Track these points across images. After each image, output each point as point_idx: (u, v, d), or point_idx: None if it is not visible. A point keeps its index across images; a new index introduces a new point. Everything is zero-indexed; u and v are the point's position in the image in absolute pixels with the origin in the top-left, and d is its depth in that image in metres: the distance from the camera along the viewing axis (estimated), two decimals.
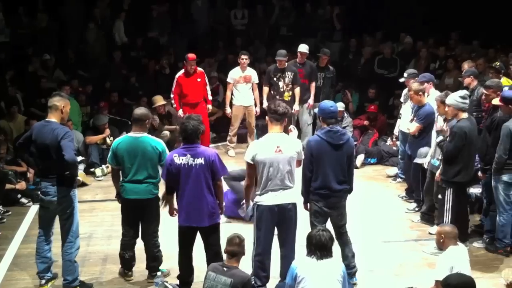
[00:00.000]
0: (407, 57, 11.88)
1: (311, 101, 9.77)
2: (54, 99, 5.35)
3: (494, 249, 6.36)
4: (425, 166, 7.02)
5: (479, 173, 6.65)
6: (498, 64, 8.27)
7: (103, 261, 6.16)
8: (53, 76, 10.89)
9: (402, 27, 12.76)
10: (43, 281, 5.54)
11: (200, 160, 5.12)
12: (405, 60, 11.70)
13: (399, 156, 8.25)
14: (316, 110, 9.49)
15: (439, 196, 6.55)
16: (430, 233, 6.75)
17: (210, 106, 9.59)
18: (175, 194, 5.33)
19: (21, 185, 7.78)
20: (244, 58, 9.54)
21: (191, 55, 9.23)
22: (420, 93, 7.20)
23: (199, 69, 9.48)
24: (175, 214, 5.39)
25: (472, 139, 6.19)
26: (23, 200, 7.71)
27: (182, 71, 9.37)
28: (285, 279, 5.23)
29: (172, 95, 9.42)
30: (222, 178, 5.38)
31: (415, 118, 7.25)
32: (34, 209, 7.25)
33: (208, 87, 9.53)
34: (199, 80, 9.35)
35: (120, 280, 5.76)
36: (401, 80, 8.26)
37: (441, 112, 6.74)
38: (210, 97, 9.56)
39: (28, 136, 5.41)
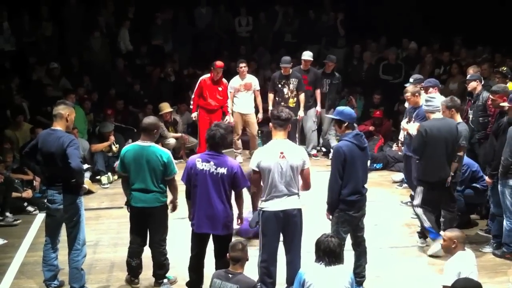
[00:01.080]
0: (411, 62, 11.88)
1: (318, 108, 9.78)
2: (59, 107, 5.39)
3: (502, 254, 6.34)
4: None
5: (487, 178, 6.63)
6: (505, 69, 8.26)
7: (109, 268, 6.16)
8: (59, 84, 10.92)
9: (406, 32, 12.77)
10: None
11: (223, 170, 5.14)
12: (409, 65, 11.71)
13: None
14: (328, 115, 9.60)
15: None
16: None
17: (228, 117, 9.58)
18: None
19: (28, 193, 7.81)
20: (243, 66, 9.58)
21: (219, 63, 9.37)
22: (417, 94, 7.41)
23: (224, 80, 9.57)
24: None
25: (433, 136, 6.20)
26: (30, 208, 7.74)
27: (208, 75, 9.47)
28: (292, 285, 5.20)
29: (192, 96, 9.55)
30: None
31: (413, 119, 7.28)
32: (40, 217, 7.27)
33: (229, 101, 9.58)
34: (220, 89, 9.46)
35: (127, 287, 5.75)
36: (407, 85, 8.24)
37: (446, 117, 6.72)
38: (229, 109, 9.60)
39: (34, 145, 5.46)
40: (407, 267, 6.19)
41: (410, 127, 7.24)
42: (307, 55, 9.71)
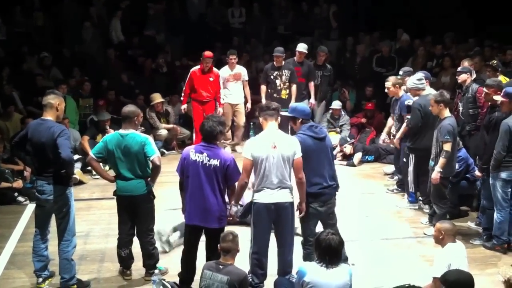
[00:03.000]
0: (404, 55, 11.89)
1: (312, 100, 9.78)
2: (49, 97, 5.33)
3: (492, 246, 6.38)
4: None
5: (476, 172, 6.69)
6: (495, 62, 8.28)
7: (100, 259, 6.14)
8: (50, 74, 10.85)
9: (399, 25, 12.77)
10: (40, 280, 5.50)
11: (215, 162, 5.10)
12: (402, 58, 11.71)
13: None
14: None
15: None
16: (425, 234, 6.77)
17: (220, 109, 9.52)
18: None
19: (18, 183, 7.77)
20: (233, 58, 9.61)
21: (207, 53, 9.31)
22: (397, 85, 7.79)
23: (215, 70, 9.53)
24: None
25: (426, 111, 6.91)
26: (20, 198, 7.71)
27: (198, 66, 9.42)
28: (282, 275, 5.33)
29: (184, 88, 9.55)
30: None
31: (397, 111, 7.76)
32: (31, 207, 7.21)
33: (221, 90, 9.53)
34: (211, 79, 9.38)
35: (118, 278, 5.74)
36: (397, 77, 8.27)
37: (434, 111, 6.71)
38: (222, 100, 9.55)
39: (24, 135, 5.39)
40: (398, 258, 6.21)
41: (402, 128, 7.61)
42: (302, 47, 9.68)
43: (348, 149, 9.59)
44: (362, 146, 9.59)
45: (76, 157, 8.01)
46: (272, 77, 9.43)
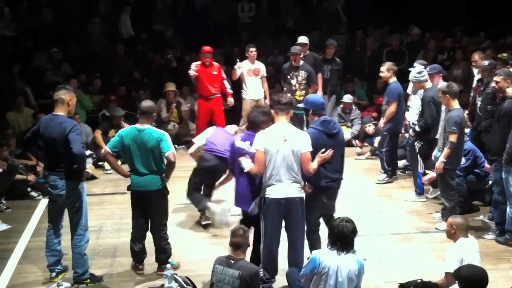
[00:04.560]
0: (414, 48, 11.80)
1: (320, 93, 9.68)
2: (60, 92, 5.36)
3: (504, 241, 6.32)
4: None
5: (486, 165, 6.65)
6: (505, 55, 8.15)
7: (113, 254, 6.18)
8: (60, 70, 10.88)
9: (408, 19, 12.69)
10: (53, 274, 5.55)
11: (253, 150, 5.26)
12: (413, 52, 11.61)
13: (407, 149, 8.21)
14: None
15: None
16: (437, 229, 6.72)
17: (231, 99, 9.54)
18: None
19: (31, 178, 7.80)
20: (253, 51, 9.50)
21: (206, 48, 9.27)
22: (391, 71, 8.03)
23: (215, 63, 9.48)
24: None
25: (439, 101, 6.93)
26: (33, 193, 7.76)
27: (199, 62, 9.36)
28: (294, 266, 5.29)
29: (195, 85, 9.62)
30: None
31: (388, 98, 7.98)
32: (44, 202, 7.21)
33: (226, 81, 9.51)
34: (215, 73, 9.34)
35: (130, 272, 5.78)
36: (411, 69, 8.18)
37: (442, 103, 6.71)
38: (229, 90, 9.54)
39: (36, 130, 5.43)
40: (410, 253, 6.19)
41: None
42: (302, 39, 9.49)
43: (371, 128, 9.66)
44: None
45: (88, 152, 8.04)
46: (288, 76, 9.22)
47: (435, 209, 7.26)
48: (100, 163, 8.78)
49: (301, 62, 9.18)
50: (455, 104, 6.52)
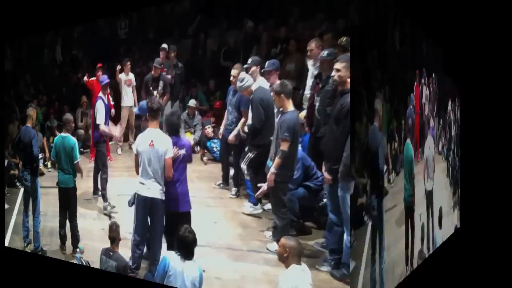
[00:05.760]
0: (248, 44, 11.39)
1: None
2: (29, 110, 8.48)
3: (341, 277, 5.04)
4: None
5: (326, 174, 5.57)
6: (344, 40, 7.39)
7: (49, 234, 8.16)
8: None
9: (244, 12, 12.33)
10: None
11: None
12: (247, 48, 11.18)
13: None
14: None
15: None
16: (268, 249, 6.05)
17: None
18: None
19: (15, 172, 9.73)
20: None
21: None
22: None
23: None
24: None
25: (268, 104, 6.68)
26: (17, 183, 9.69)
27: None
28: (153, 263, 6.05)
29: None
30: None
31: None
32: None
33: None
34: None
35: (59, 251, 7.77)
36: (245, 66, 7.74)
37: (276, 104, 6.19)
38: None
39: (19, 137, 8.30)
40: (243, 273, 5.87)
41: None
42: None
43: (210, 130, 9.62)
44: None
45: (40, 155, 9.59)
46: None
47: (267, 226, 6.48)
48: (45, 163, 10.12)
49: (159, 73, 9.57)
50: (290, 105, 5.93)
